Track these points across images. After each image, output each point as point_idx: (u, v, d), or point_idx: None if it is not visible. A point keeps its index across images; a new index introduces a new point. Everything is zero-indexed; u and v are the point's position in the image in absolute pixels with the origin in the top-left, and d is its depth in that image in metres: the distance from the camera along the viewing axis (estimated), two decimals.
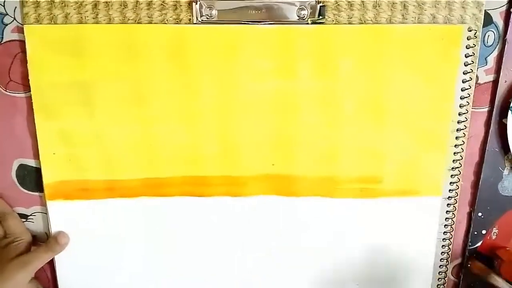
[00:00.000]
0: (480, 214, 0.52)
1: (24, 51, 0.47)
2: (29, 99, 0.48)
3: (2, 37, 0.47)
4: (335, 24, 0.46)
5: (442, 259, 0.53)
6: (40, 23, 0.46)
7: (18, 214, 0.52)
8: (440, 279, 0.54)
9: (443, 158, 0.50)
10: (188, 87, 0.47)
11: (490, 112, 0.49)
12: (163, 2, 0.45)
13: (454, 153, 0.49)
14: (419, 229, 0.52)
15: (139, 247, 0.53)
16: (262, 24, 0.45)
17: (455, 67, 0.47)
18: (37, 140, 0.49)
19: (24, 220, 0.52)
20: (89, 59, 0.46)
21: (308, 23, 0.45)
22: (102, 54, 0.46)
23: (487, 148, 0.50)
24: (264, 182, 0.50)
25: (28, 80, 0.47)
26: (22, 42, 0.46)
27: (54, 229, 0.52)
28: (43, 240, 0.53)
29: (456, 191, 0.51)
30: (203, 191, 0.51)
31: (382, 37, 0.46)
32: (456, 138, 0.49)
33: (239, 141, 0.49)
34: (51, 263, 0.53)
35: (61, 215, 0.51)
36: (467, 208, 0.53)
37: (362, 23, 0.46)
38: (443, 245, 0.53)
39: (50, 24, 0.46)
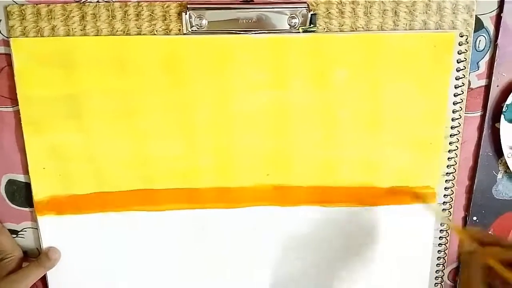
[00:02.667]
0: (475, 218, 0.52)
1: (10, 65, 0.46)
2: (17, 113, 0.47)
3: None
4: (326, 32, 0.45)
5: (438, 264, 0.53)
6: (27, 36, 0.45)
7: (9, 230, 0.51)
8: (436, 284, 0.54)
9: (438, 165, 0.49)
10: (180, 99, 0.47)
11: (483, 117, 0.49)
12: (152, 12, 0.45)
13: (448, 158, 0.49)
14: (415, 236, 0.52)
15: (132, 261, 0.52)
16: (253, 33, 0.45)
17: (448, 74, 0.47)
18: (26, 155, 0.48)
19: (15, 236, 0.51)
20: (78, 72, 0.46)
21: (299, 32, 0.45)
22: (91, 67, 0.45)
23: (480, 153, 0.50)
24: (259, 193, 0.50)
25: (16, 94, 0.46)
26: (8, 56, 0.45)
27: (45, 244, 0.51)
28: (34, 255, 0.52)
29: (451, 196, 0.51)
30: (197, 203, 0.50)
31: (374, 46, 0.45)
32: (450, 143, 0.49)
33: (233, 151, 0.48)
34: (44, 279, 0.52)
35: (52, 230, 0.50)
36: (462, 213, 0.53)
37: (353, 31, 0.45)
38: (439, 250, 0.53)
39: (36, 36, 0.45)
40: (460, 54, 0.46)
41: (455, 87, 0.47)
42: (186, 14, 0.44)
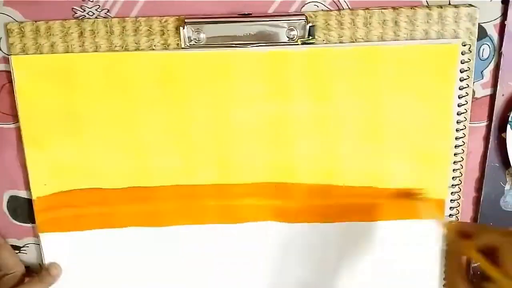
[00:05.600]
0: None
1: (11, 82, 0.46)
2: (17, 130, 0.47)
3: None
4: (325, 43, 0.45)
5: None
6: (26, 53, 0.45)
7: (11, 245, 0.51)
8: None
9: (445, 178, 0.48)
10: (179, 113, 0.46)
11: (488, 127, 0.48)
12: (150, 27, 0.45)
13: (454, 170, 0.48)
14: (422, 250, 0.51)
15: (132, 277, 0.52)
16: (251, 46, 0.44)
17: (452, 86, 0.46)
18: (27, 171, 0.48)
19: (17, 251, 0.52)
20: (78, 88, 0.46)
21: (298, 44, 0.44)
22: (91, 83, 0.46)
23: (487, 164, 0.49)
24: (261, 207, 0.49)
25: (16, 110, 0.46)
26: (8, 73, 0.46)
27: (47, 260, 0.51)
28: (37, 271, 0.52)
29: (457, 208, 0.50)
30: (198, 218, 0.49)
31: (375, 58, 0.45)
32: (455, 154, 0.48)
33: (233, 165, 0.48)
34: None
35: (54, 246, 0.50)
36: None
37: (353, 42, 0.45)
38: None
39: (36, 53, 0.45)
40: (463, 63, 0.45)
41: (459, 97, 0.46)
42: (184, 28, 0.44)
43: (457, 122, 0.47)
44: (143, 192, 0.49)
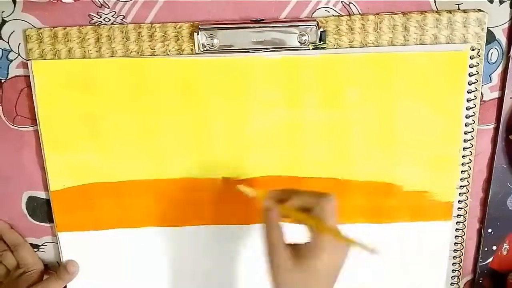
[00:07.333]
0: (490, 230, 0.52)
1: (29, 86, 0.47)
2: (36, 132, 0.49)
3: (8, 73, 0.48)
4: (336, 48, 0.46)
5: (453, 276, 0.53)
6: (44, 58, 0.46)
7: (30, 244, 0.53)
8: None
9: (453, 180, 0.49)
10: (194, 118, 0.47)
11: (496, 129, 0.49)
12: (164, 33, 0.46)
13: (462, 171, 0.49)
14: (430, 251, 0.52)
15: (148, 276, 0.53)
16: (264, 51, 0.45)
17: (461, 90, 0.46)
18: (46, 173, 0.49)
19: (36, 250, 0.53)
20: (96, 93, 0.47)
21: (309, 49, 0.45)
22: (108, 88, 0.47)
23: (494, 165, 0.50)
24: None
25: (35, 114, 0.48)
26: (27, 77, 0.47)
27: (65, 258, 0.52)
28: (55, 269, 0.53)
29: (465, 209, 0.50)
30: (214, 219, 0.51)
31: (386, 64, 0.46)
32: (463, 156, 0.49)
33: (247, 169, 0.49)
34: None
35: (72, 245, 0.52)
36: (477, 225, 0.52)
37: (363, 46, 0.46)
38: (453, 263, 0.52)
39: (54, 59, 0.46)
40: (472, 67, 0.46)
41: (468, 100, 0.47)
42: (198, 34, 0.45)
43: (466, 125, 0.48)
44: (160, 193, 0.50)
